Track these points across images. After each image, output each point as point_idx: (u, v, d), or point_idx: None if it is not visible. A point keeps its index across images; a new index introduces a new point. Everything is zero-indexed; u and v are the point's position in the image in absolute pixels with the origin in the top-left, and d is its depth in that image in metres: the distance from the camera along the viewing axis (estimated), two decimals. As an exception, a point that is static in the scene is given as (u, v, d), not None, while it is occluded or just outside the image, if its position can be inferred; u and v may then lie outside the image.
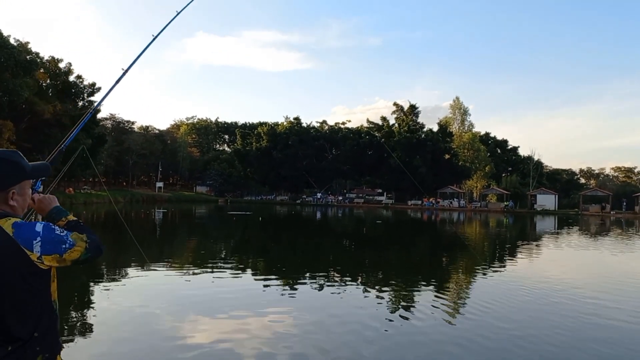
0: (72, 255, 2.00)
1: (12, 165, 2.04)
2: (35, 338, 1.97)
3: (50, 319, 2.04)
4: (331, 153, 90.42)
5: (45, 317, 2.01)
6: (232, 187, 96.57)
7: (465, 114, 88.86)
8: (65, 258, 1.99)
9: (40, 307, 2.00)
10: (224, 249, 18.44)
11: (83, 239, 2.07)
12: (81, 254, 2.03)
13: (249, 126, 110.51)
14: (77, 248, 2.02)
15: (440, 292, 10.05)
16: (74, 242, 2.02)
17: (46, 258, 1.95)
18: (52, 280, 2.05)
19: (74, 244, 2.02)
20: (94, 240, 2.10)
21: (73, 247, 2.01)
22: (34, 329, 1.97)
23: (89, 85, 61.68)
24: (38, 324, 1.98)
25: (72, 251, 2.00)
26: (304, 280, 11.23)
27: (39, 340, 1.98)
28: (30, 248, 1.93)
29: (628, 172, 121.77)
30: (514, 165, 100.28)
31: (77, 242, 2.03)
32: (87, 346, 5.95)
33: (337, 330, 6.89)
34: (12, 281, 1.91)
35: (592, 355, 6.05)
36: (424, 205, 74.51)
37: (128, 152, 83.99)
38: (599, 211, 64.62)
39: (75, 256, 2.01)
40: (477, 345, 6.34)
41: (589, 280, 12.10)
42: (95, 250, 2.09)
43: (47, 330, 2.02)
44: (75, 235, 2.07)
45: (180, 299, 8.63)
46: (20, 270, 1.92)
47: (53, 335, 2.06)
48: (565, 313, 8.21)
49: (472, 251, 17.56)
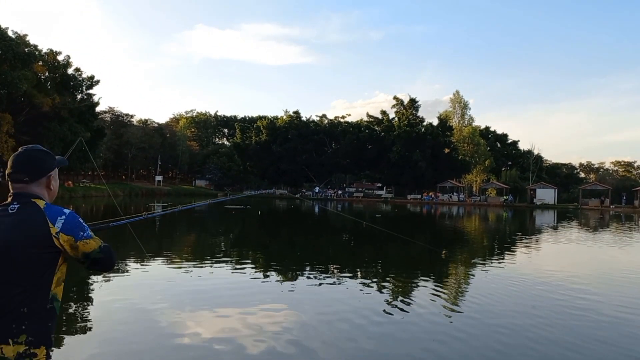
0: (85, 246, 2.19)
1: (48, 154, 2.33)
2: (23, 314, 2.03)
3: (43, 306, 2.10)
4: (331, 147, 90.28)
5: (40, 300, 2.09)
6: (232, 181, 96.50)
7: (465, 108, 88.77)
8: (79, 246, 2.17)
9: (38, 286, 2.09)
10: (223, 243, 18.42)
11: (98, 240, 2.27)
12: (94, 250, 2.21)
13: (249, 120, 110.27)
14: (93, 242, 2.22)
15: (438, 286, 10.03)
16: (91, 235, 2.24)
17: (62, 236, 2.13)
18: (56, 270, 2.16)
19: (91, 236, 2.23)
20: (109, 247, 2.30)
21: (90, 239, 2.21)
22: (25, 304, 2.04)
23: (87, 78, 61.41)
24: (30, 302, 2.06)
25: (87, 242, 2.20)
26: (303, 274, 11.21)
27: (26, 318, 2.03)
28: (54, 222, 2.14)
29: (628, 166, 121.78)
30: (514, 160, 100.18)
31: (94, 238, 2.24)
32: (87, 340, 5.93)
33: (337, 323, 6.87)
34: (30, 249, 2.07)
35: (593, 344, 6.04)
36: (423, 199, 74.52)
37: (127, 146, 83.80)
38: (599, 205, 64.65)
39: (88, 249, 2.19)
40: (476, 338, 6.31)
41: (586, 274, 12.08)
42: (108, 254, 2.28)
43: (39, 315, 2.07)
44: (93, 234, 2.27)
45: (180, 293, 8.61)
46: (40, 240, 2.09)
47: (44, 326, 2.10)
48: (561, 308, 8.19)
49: (471, 245, 17.56)
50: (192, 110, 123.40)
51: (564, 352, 5.93)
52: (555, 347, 6.08)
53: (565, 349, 6.04)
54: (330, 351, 5.74)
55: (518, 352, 5.94)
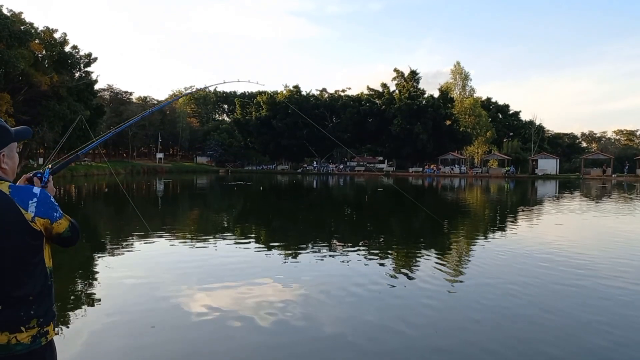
0: (59, 227, 2.10)
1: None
2: (30, 301, 2.01)
3: (44, 285, 2.07)
4: (331, 121, 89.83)
5: (40, 282, 2.05)
6: (233, 157, 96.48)
7: (466, 79, 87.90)
8: (54, 227, 2.08)
9: (36, 270, 2.04)
10: (226, 219, 18.52)
11: (67, 217, 2.16)
12: (65, 230, 2.13)
13: (248, 95, 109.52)
14: (64, 221, 2.13)
15: (440, 258, 10.11)
16: (62, 215, 2.13)
17: (39, 220, 2.02)
18: (45, 245, 2.10)
19: (62, 216, 2.12)
20: (74, 223, 2.20)
21: (61, 219, 2.11)
22: (30, 290, 2.01)
23: (85, 55, 60.82)
24: (34, 287, 2.02)
25: (60, 222, 2.10)
26: (305, 248, 11.30)
27: (33, 303, 2.02)
28: (26, 207, 1.99)
29: (630, 134, 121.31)
30: (515, 130, 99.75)
31: (64, 217, 2.14)
32: (91, 317, 6.01)
33: (341, 296, 6.95)
34: (11, 238, 1.96)
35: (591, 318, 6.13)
36: (425, 172, 74.52)
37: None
38: (601, 175, 64.61)
39: (61, 229, 2.11)
40: (480, 312, 6.40)
41: (586, 243, 12.16)
42: (75, 232, 2.19)
43: (42, 296, 2.06)
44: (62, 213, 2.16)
45: (183, 269, 8.70)
46: (17, 228, 1.97)
47: (48, 302, 2.09)
48: (564, 280, 8.27)
49: (472, 217, 17.63)
50: (192, 86, 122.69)
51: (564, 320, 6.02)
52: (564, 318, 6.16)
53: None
54: (335, 324, 5.83)
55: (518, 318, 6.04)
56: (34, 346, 2.00)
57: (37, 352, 2.02)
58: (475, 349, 5.06)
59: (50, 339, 2.09)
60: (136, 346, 5.06)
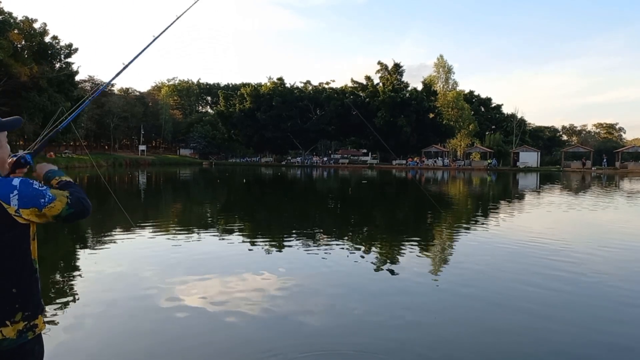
0: (52, 210, 1.99)
1: None
2: (13, 294, 1.98)
3: (30, 278, 2.04)
4: (315, 114, 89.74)
5: (25, 275, 2.02)
6: (217, 150, 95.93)
7: (449, 72, 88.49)
8: (46, 212, 1.98)
9: (20, 263, 2.00)
10: (209, 212, 18.47)
11: (64, 195, 2.05)
12: (62, 209, 2.01)
13: (232, 87, 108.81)
14: (58, 203, 2.01)
15: (423, 249, 10.24)
16: (54, 196, 2.01)
17: (24, 212, 1.95)
18: (32, 238, 2.05)
19: (54, 198, 2.01)
20: (77, 196, 2.08)
21: (53, 202, 2.00)
22: (13, 285, 1.98)
23: (65, 46, 59.88)
24: (18, 281, 1.99)
25: (51, 206, 1.99)
26: (290, 240, 11.34)
27: (17, 296, 1.99)
28: (7, 201, 1.92)
29: (610, 128, 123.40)
30: (498, 124, 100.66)
31: (58, 197, 2.02)
32: (73, 311, 5.99)
33: (325, 289, 7.01)
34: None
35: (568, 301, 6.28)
36: (408, 164, 74.93)
37: (109, 115, 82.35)
38: (580, 167, 65.61)
39: (55, 211, 2.00)
40: (462, 300, 6.52)
41: (564, 234, 12.41)
42: (78, 206, 2.06)
43: (28, 289, 2.03)
44: (56, 191, 2.06)
45: (167, 262, 8.67)
46: (0, 222, 1.92)
47: (34, 295, 2.06)
48: (543, 269, 8.44)
49: (454, 207, 17.79)
50: (174, 78, 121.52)
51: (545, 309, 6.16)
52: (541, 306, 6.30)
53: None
54: (319, 316, 5.89)
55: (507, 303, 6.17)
56: (21, 340, 1.98)
57: (26, 346, 2.00)
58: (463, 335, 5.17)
59: (38, 333, 2.07)
60: (119, 339, 5.06)
